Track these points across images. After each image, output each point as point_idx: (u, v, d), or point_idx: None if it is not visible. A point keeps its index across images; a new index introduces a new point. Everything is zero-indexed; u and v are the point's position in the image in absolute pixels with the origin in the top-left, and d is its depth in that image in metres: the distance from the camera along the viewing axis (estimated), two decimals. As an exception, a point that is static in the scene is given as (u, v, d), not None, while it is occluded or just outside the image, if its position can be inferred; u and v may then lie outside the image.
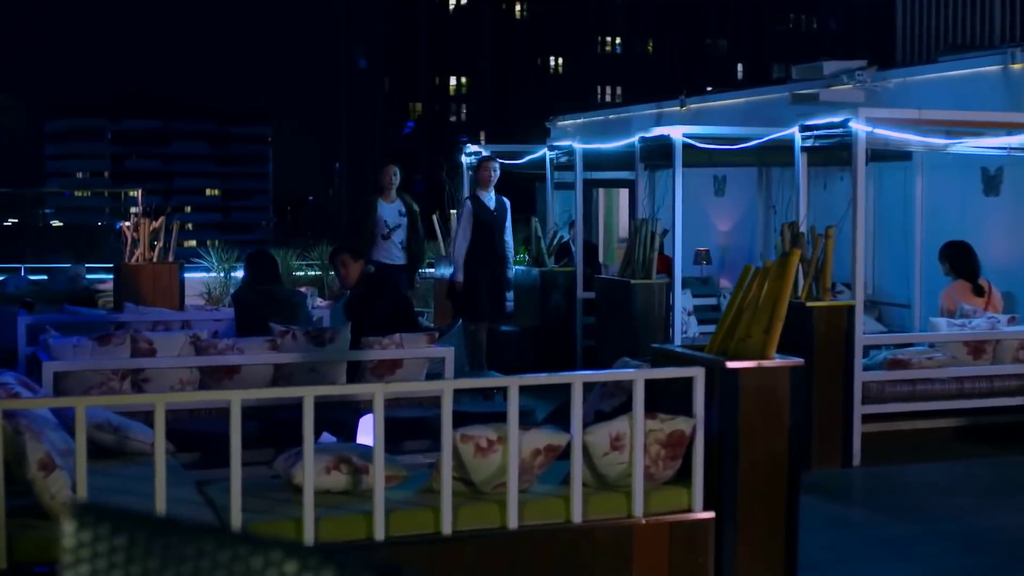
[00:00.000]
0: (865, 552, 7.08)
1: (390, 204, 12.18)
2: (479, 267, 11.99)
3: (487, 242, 12.05)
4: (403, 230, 12.12)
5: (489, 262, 12.05)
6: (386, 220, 12.06)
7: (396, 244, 12.12)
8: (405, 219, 12.16)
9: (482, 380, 7.46)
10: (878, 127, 8.92)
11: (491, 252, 12.08)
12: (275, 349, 8.20)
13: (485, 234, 12.04)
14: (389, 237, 12.06)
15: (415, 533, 5.48)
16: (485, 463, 5.58)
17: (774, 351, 5.99)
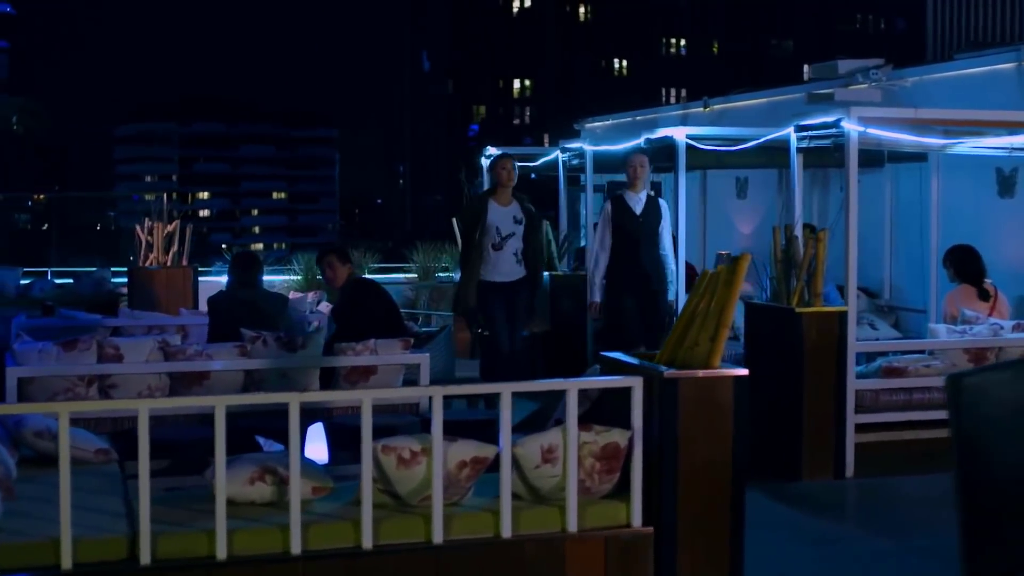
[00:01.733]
0: (852, 570, 6.81)
1: (504, 207, 10.07)
2: (621, 287, 10.16)
3: (631, 255, 10.13)
4: (518, 239, 10.03)
5: (634, 280, 10.12)
6: (498, 227, 9.97)
7: (510, 256, 10.00)
8: (522, 226, 10.04)
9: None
10: (871, 127, 8.63)
11: (636, 268, 10.10)
12: (245, 355, 8.07)
13: (628, 245, 10.13)
14: (501, 248, 9.97)
15: (334, 547, 5.32)
16: (409, 475, 5.41)
17: (719, 360, 5.76)
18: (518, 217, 10.03)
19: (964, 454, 2.85)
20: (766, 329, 8.99)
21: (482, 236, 9.95)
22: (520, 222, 10.02)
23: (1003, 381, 2.92)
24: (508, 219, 10.01)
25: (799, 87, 13.36)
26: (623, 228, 10.02)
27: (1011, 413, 2.91)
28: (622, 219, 10.03)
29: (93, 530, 5.23)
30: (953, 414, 2.88)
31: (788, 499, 8.32)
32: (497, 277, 10.00)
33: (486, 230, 9.95)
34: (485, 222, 9.95)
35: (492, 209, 9.99)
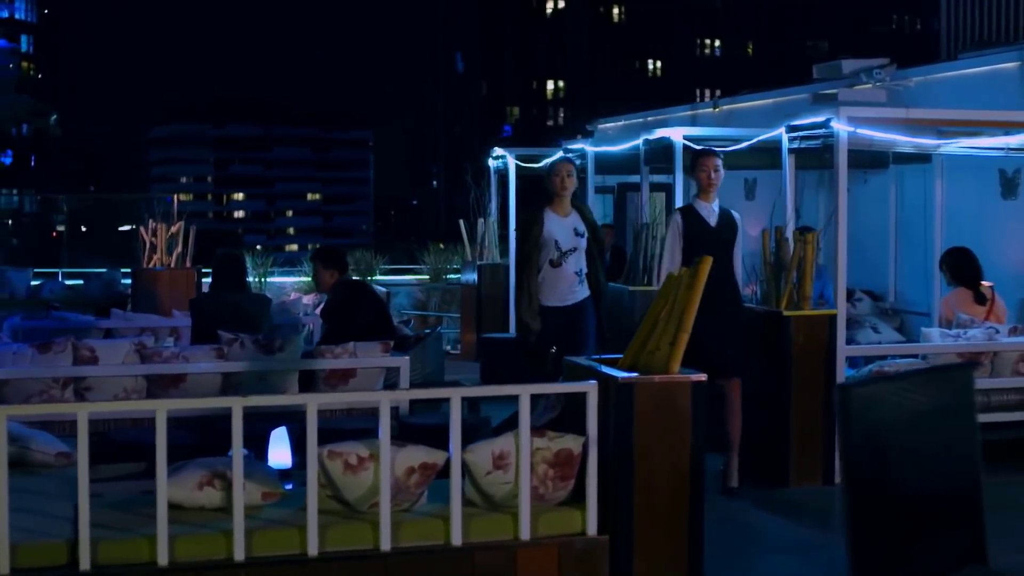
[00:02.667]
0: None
1: (564, 218, 8.60)
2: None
3: None
4: (580, 254, 8.59)
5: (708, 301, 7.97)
6: (557, 240, 8.53)
7: (571, 275, 8.54)
8: (584, 239, 8.59)
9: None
10: (860, 127, 8.48)
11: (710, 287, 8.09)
12: (222, 357, 8.01)
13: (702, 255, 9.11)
14: (560, 265, 8.55)
15: (279, 554, 5.24)
16: (356, 481, 5.32)
17: (678, 365, 5.65)
18: (579, 229, 8.54)
19: (851, 464, 2.73)
20: (755, 332, 8.84)
21: (538, 252, 8.50)
22: (582, 235, 8.53)
23: (892, 392, 2.81)
24: (568, 231, 8.52)
25: (805, 88, 13.20)
26: (696, 242, 8.42)
27: (899, 424, 2.80)
28: (694, 232, 8.51)
29: (35, 535, 5.17)
30: (842, 424, 2.77)
31: (775, 506, 8.19)
32: (554, 301, 8.48)
33: (543, 244, 8.50)
34: (542, 235, 8.49)
35: (550, 220, 8.52)
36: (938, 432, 2.95)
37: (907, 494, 2.81)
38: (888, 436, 2.78)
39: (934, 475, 2.92)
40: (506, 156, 14.57)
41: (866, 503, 2.72)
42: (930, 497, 2.85)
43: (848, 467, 2.73)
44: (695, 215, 8.56)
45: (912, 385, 2.93)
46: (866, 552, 2.70)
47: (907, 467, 2.83)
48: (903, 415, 2.86)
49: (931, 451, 2.94)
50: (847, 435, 2.75)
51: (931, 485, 2.90)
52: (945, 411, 3.01)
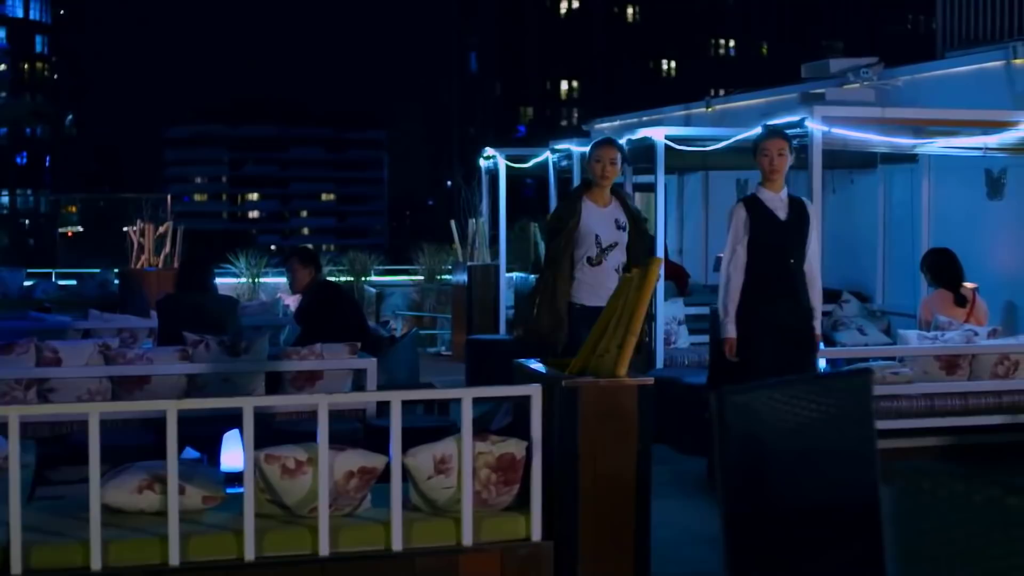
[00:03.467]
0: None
1: (603, 209, 7.62)
2: (760, 319, 7.40)
3: (774, 275, 7.44)
4: (621, 250, 7.58)
5: (778, 309, 7.42)
6: (598, 235, 7.54)
7: (611, 272, 7.50)
8: (625, 232, 7.60)
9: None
10: (835, 126, 8.38)
11: (782, 292, 7.43)
12: (187, 359, 7.94)
13: (770, 261, 7.42)
14: (601, 262, 7.53)
15: (215, 558, 5.17)
16: (294, 485, 5.25)
17: (625, 368, 5.56)
18: (621, 222, 7.57)
19: (728, 474, 2.64)
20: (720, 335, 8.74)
21: (575, 247, 7.49)
22: (624, 228, 7.56)
23: (777, 400, 2.72)
24: (609, 224, 7.55)
25: (794, 87, 13.09)
26: (762, 239, 7.34)
27: (783, 433, 2.71)
28: (761, 227, 7.35)
29: (-32, 539, 5.10)
30: (719, 433, 2.68)
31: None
32: (593, 300, 7.34)
33: (581, 240, 7.49)
34: (578, 229, 7.49)
35: (588, 211, 7.52)
36: (829, 441, 2.85)
37: (791, 505, 2.72)
38: (770, 445, 2.69)
39: (823, 486, 2.82)
40: (496, 156, 14.49)
41: (744, 514, 2.62)
42: (817, 508, 2.76)
43: (725, 477, 2.64)
44: (760, 207, 7.37)
45: (801, 392, 2.83)
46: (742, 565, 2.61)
47: (791, 477, 2.74)
48: (788, 424, 2.77)
49: (821, 461, 2.85)
50: (724, 444, 2.66)
51: (819, 496, 2.80)
52: (839, 419, 2.91)
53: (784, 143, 7.47)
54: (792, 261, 7.39)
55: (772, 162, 7.42)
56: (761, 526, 2.64)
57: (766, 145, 7.46)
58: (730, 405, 2.65)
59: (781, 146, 7.45)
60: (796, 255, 7.40)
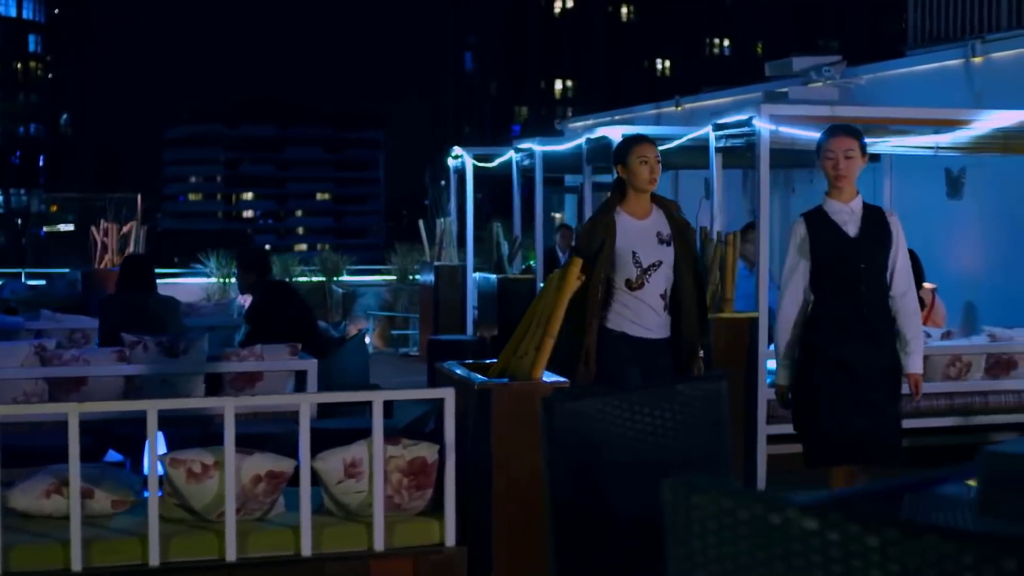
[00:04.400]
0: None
1: (642, 221, 6.18)
2: (824, 359, 5.79)
3: (842, 301, 5.81)
4: (667, 270, 6.14)
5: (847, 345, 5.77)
6: (635, 252, 6.11)
7: (656, 298, 6.13)
8: (671, 248, 6.16)
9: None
10: (782, 125, 8.29)
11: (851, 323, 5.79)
12: (124, 360, 7.86)
13: (836, 286, 5.82)
14: (642, 285, 6.11)
15: (119, 564, 5.08)
16: (201, 489, 5.16)
17: (542, 370, 5.48)
18: (665, 235, 6.13)
19: (556, 481, 2.56)
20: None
21: (610, 270, 6.08)
22: (668, 242, 6.14)
23: (604, 407, 2.63)
24: (650, 239, 6.12)
25: (760, 86, 13.02)
26: (825, 263, 5.78)
27: (612, 441, 2.62)
28: (823, 247, 5.79)
29: None
30: (545, 439, 2.60)
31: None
32: (638, 330, 6.12)
33: (617, 261, 6.08)
34: (615, 248, 6.08)
35: (624, 225, 6.12)
36: (674, 450, 2.77)
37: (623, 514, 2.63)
38: (605, 455, 2.60)
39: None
40: (464, 156, 14.41)
41: (572, 523, 2.54)
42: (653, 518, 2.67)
43: (553, 486, 2.56)
44: (824, 222, 5.82)
45: (644, 400, 2.75)
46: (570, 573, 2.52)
47: (627, 486, 2.66)
48: (627, 432, 2.68)
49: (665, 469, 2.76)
50: (552, 453, 2.58)
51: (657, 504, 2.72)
52: (689, 426, 2.83)
53: (852, 142, 5.84)
54: (863, 288, 5.70)
55: (837, 166, 5.82)
56: (590, 535, 2.56)
57: (830, 145, 5.88)
58: (559, 413, 2.56)
59: (849, 146, 5.81)
60: (868, 280, 5.71)
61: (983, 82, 10.13)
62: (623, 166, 6.19)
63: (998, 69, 10.05)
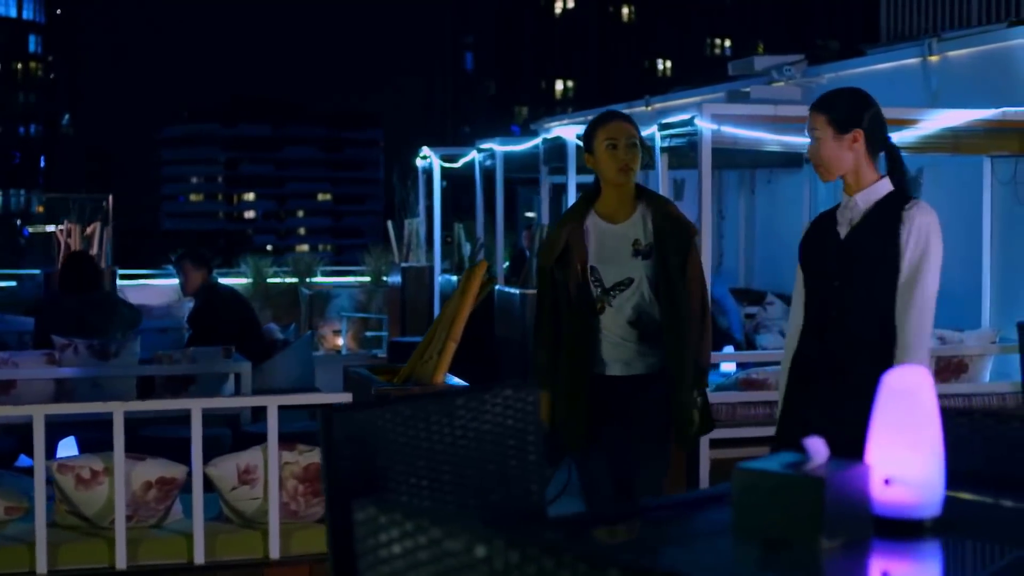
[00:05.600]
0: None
1: (617, 225, 4.77)
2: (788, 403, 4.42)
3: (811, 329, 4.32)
4: (641, 287, 4.70)
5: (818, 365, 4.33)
6: (596, 268, 4.74)
7: (623, 324, 4.72)
8: (649, 261, 4.69)
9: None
10: (724, 124, 8.18)
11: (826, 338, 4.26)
12: (54, 363, 7.76)
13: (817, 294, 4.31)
14: (604, 308, 4.72)
15: (7, 572, 4.98)
16: (90, 496, 5.06)
17: (443, 375, 5.37)
18: (643, 243, 4.68)
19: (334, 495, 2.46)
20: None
21: (566, 289, 4.71)
22: (647, 254, 4.67)
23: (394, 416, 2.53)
24: (622, 250, 4.71)
25: (724, 85, 12.91)
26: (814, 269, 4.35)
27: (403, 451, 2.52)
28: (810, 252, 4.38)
29: None
30: (324, 450, 2.49)
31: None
32: (607, 367, 4.72)
33: (571, 277, 4.71)
34: (585, 257, 4.72)
35: (594, 231, 4.74)
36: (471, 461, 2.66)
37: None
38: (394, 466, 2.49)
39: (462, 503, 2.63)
40: (431, 156, 14.31)
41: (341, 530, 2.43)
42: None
43: (331, 499, 2.45)
44: (822, 222, 4.37)
45: (444, 409, 2.64)
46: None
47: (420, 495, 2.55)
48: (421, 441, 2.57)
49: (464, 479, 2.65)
50: (329, 463, 2.47)
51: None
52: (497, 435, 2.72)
53: (820, 117, 4.18)
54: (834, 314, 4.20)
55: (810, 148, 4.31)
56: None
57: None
58: (339, 422, 2.45)
59: (815, 122, 4.20)
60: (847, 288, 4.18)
61: (939, 81, 10.01)
62: (590, 154, 4.80)
63: (954, 68, 9.92)
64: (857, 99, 4.28)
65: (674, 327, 4.64)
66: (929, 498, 2.06)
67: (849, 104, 4.25)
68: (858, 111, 4.21)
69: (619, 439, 4.69)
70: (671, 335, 4.64)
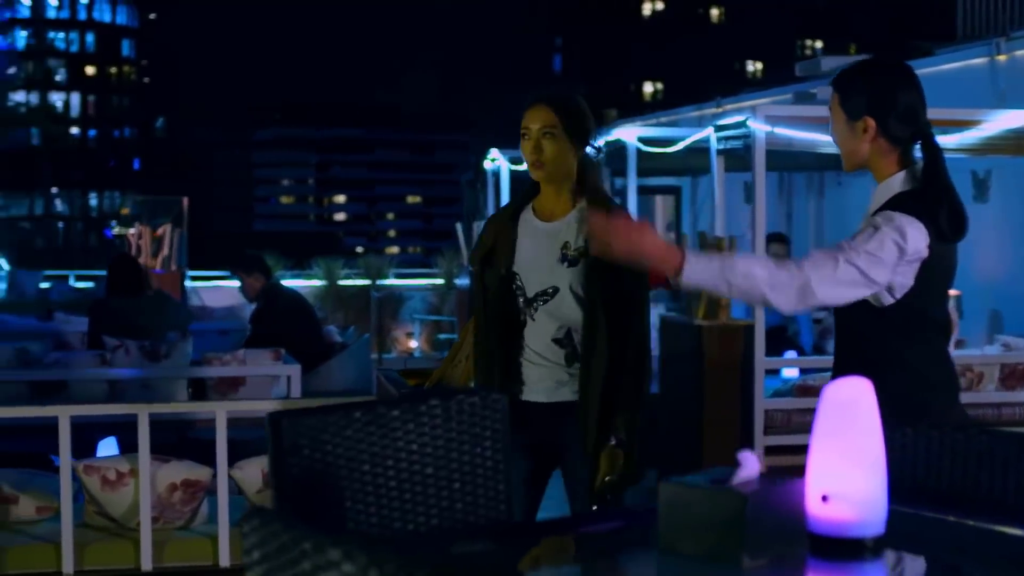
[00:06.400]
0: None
1: (548, 224, 4.03)
2: None
3: None
4: (567, 298, 3.94)
5: None
6: (519, 275, 4.04)
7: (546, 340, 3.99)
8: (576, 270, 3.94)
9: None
10: (778, 126, 8.06)
11: None
12: (105, 364, 7.84)
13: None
14: (527, 319, 4.01)
15: (33, 571, 5.04)
16: (116, 497, 5.09)
17: (471, 378, 5.32)
18: (572, 248, 3.98)
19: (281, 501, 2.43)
20: (672, 344, 8.47)
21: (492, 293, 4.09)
22: (574, 261, 3.97)
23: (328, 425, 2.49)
24: (549, 254, 4.02)
25: (791, 87, 12.75)
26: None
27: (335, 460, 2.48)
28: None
29: None
30: (272, 456, 2.46)
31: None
32: (528, 392, 4.07)
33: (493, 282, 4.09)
34: (512, 260, 4.07)
35: (525, 230, 4.08)
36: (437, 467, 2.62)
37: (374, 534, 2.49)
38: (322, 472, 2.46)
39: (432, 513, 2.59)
40: (500, 158, 14.29)
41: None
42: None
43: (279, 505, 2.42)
44: None
45: (403, 413, 2.60)
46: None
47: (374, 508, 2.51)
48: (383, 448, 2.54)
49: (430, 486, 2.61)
50: (276, 471, 2.44)
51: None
52: (464, 442, 2.68)
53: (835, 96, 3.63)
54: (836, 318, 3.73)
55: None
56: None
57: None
58: (287, 428, 2.42)
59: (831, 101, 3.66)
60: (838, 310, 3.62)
61: (1007, 81, 9.78)
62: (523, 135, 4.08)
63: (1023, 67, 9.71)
64: (878, 79, 3.55)
65: (585, 354, 3.89)
66: (869, 516, 1.98)
67: (864, 83, 3.54)
68: (875, 94, 3.50)
69: (534, 475, 4.03)
70: (582, 363, 3.89)
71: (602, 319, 3.87)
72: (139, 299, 8.51)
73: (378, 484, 2.54)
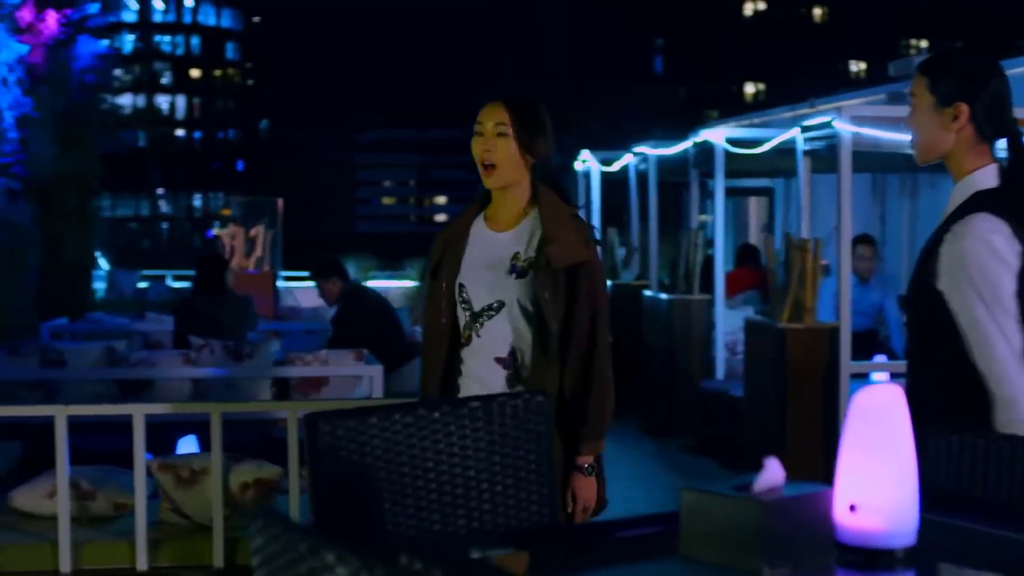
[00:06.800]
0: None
1: (498, 235, 3.72)
2: None
3: None
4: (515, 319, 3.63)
5: None
6: (464, 286, 3.71)
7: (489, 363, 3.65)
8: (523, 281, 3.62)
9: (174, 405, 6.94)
10: (864, 126, 7.94)
11: None
12: (190, 363, 7.94)
13: None
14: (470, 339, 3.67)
15: (107, 567, 5.12)
16: (190, 495, 5.16)
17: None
18: (522, 259, 3.66)
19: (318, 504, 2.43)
20: (758, 346, 8.38)
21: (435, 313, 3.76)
22: (522, 273, 3.64)
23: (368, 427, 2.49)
24: (498, 266, 3.70)
25: (885, 87, 12.52)
26: None
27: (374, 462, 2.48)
28: None
29: None
30: (310, 458, 2.47)
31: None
32: None
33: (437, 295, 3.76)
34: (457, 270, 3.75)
35: (475, 240, 3.78)
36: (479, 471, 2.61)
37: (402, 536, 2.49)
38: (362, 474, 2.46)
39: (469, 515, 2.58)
40: (590, 159, 14.26)
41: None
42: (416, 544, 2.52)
43: (316, 509, 2.42)
44: None
45: (445, 416, 2.59)
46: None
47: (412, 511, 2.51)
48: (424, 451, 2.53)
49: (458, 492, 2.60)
50: (314, 474, 2.44)
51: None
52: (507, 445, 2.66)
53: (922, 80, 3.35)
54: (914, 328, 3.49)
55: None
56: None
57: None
58: (325, 431, 2.42)
59: (916, 85, 3.38)
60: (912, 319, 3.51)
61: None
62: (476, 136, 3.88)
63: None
64: (971, 64, 3.35)
65: (534, 376, 3.56)
66: (899, 526, 1.93)
67: (960, 69, 3.33)
68: (968, 79, 3.29)
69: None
70: (532, 386, 3.53)
71: (553, 336, 3.53)
72: (223, 299, 8.61)
73: (417, 487, 2.53)
